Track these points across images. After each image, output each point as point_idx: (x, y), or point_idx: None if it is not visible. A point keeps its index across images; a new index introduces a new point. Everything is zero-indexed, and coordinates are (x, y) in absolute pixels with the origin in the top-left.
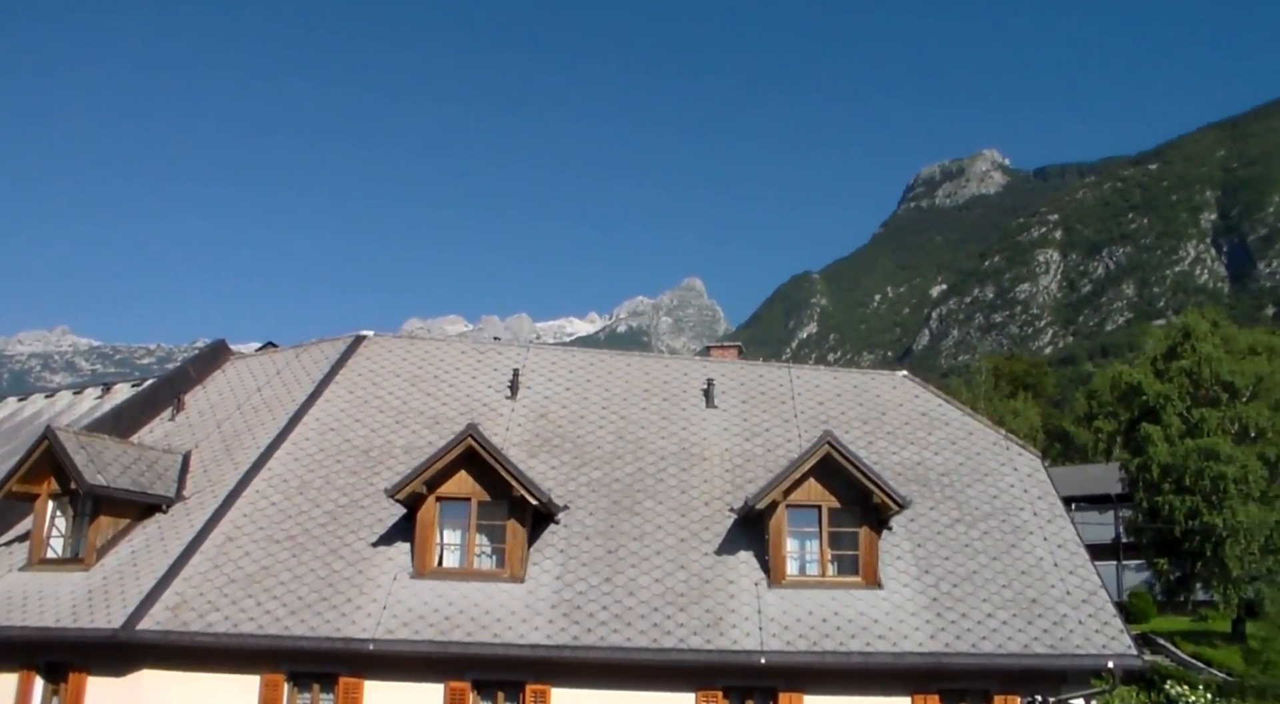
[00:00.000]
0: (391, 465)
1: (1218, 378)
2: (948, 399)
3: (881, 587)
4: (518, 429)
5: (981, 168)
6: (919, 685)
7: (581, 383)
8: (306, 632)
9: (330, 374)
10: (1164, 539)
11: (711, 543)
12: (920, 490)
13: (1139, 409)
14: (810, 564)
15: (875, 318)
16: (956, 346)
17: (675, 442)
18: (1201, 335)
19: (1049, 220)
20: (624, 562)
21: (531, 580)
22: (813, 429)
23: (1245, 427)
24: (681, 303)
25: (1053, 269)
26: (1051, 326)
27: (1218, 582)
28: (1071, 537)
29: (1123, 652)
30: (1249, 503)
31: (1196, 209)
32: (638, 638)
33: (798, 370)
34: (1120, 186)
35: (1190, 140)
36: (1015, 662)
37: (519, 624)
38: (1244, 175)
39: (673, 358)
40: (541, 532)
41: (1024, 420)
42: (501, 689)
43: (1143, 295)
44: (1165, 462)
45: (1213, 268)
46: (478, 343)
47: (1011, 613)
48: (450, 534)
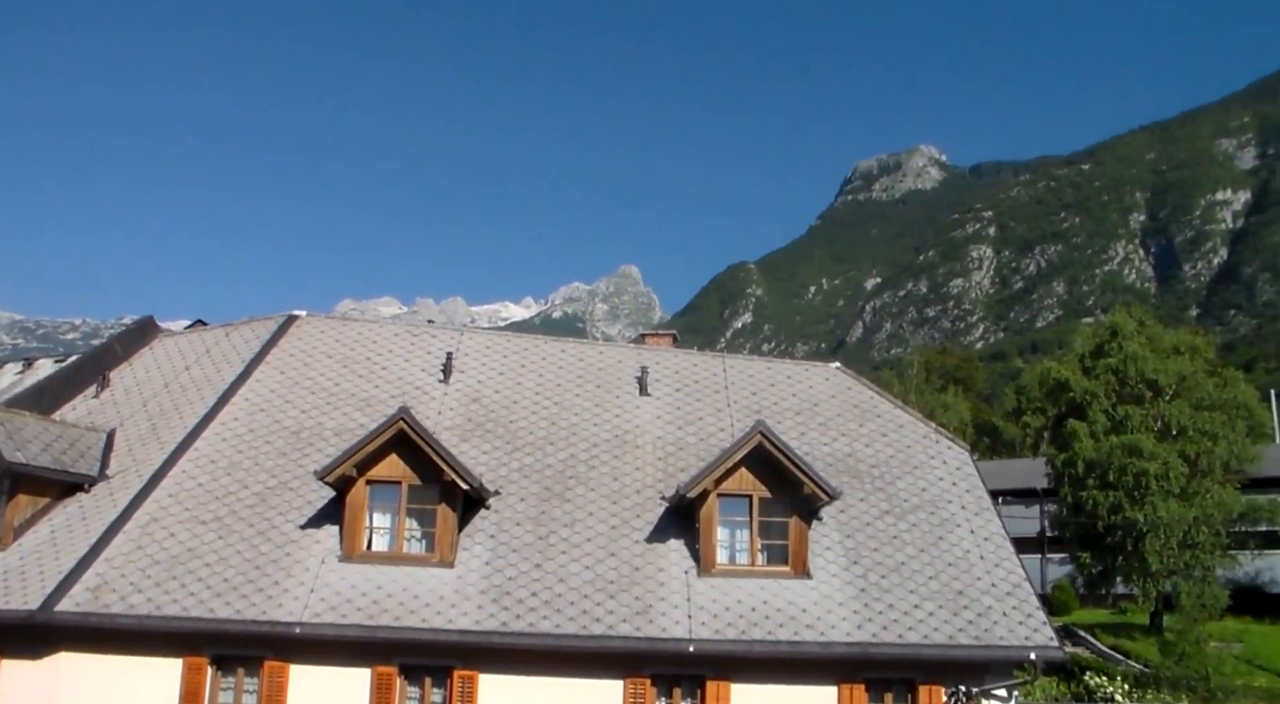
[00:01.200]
0: (322, 448)
1: (1142, 376)
2: (880, 391)
3: (810, 577)
4: (450, 413)
5: (918, 163)
6: (845, 675)
7: (515, 368)
8: (232, 615)
9: (261, 354)
10: (1087, 533)
11: (642, 531)
12: (850, 482)
13: (1066, 405)
14: (740, 553)
15: (810, 309)
16: (889, 340)
17: (608, 429)
18: (1128, 334)
19: (983, 217)
20: (554, 548)
21: (461, 566)
22: (745, 419)
23: (1167, 424)
24: (618, 290)
25: (986, 265)
26: (983, 322)
27: (1137, 576)
28: (998, 530)
29: (1045, 643)
30: (1169, 499)
31: (1126, 210)
32: (567, 625)
33: (732, 360)
34: (1053, 186)
35: (1121, 142)
36: (940, 652)
37: (448, 610)
38: (1172, 178)
39: (607, 345)
40: (472, 517)
41: (954, 414)
42: (429, 675)
43: (1072, 293)
44: (1090, 457)
45: (1140, 268)
46: (411, 325)
47: (938, 604)
48: (380, 518)
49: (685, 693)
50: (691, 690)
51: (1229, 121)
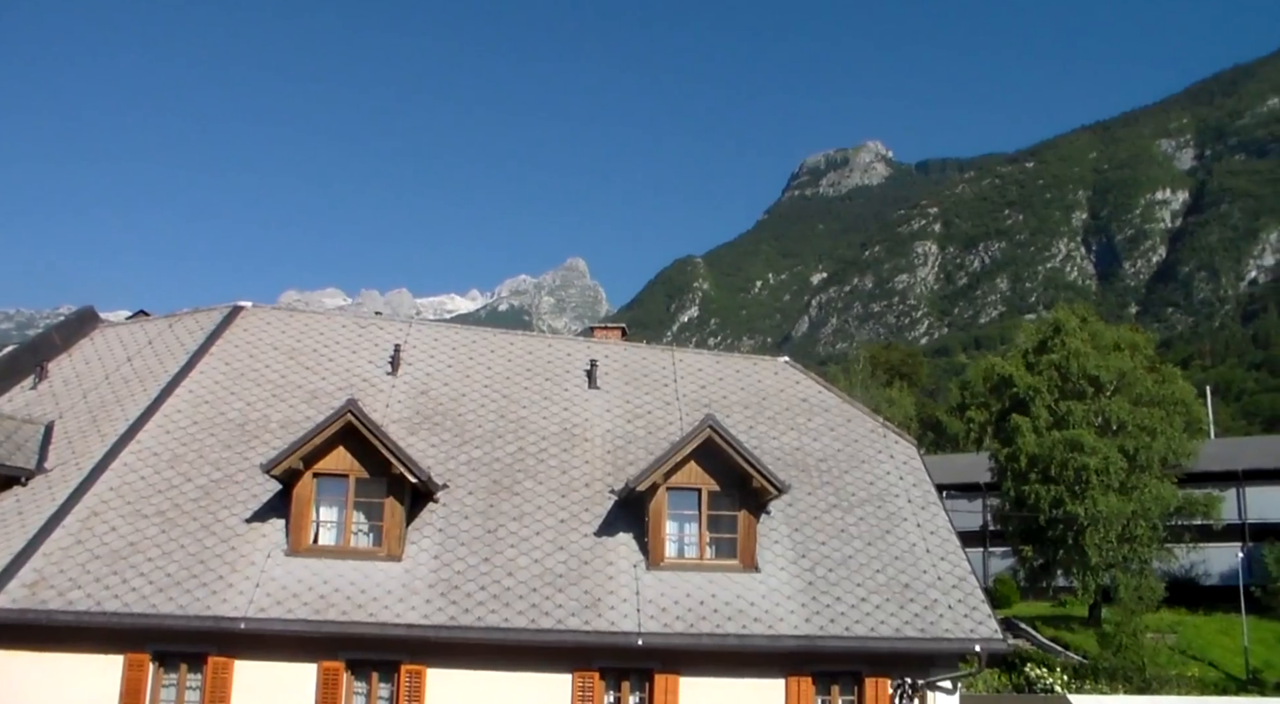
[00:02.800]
0: (268, 440)
1: (1084, 372)
2: (827, 386)
3: (759, 570)
4: (398, 406)
5: (865, 159)
6: (793, 667)
7: (463, 361)
8: (175, 610)
9: (205, 345)
10: (1028, 527)
11: (591, 524)
12: (799, 476)
13: (1009, 400)
14: (689, 547)
15: (756, 304)
16: (835, 334)
17: (557, 422)
18: (1070, 331)
19: (929, 213)
20: (503, 542)
21: (409, 559)
22: (694, 412)
23: (1108, 420)
24: (564, 283)
25: (930, 261)
26: (928, 317)
27: (1077, 569)
28: (944, 524)
29: (989, 636)
30: (1109, 493)
31: (1069, 208)
32: (515, 618)
33: (680, 353)
34: (998, 183)
35: (1065, 141)
36: (887, 645)
37: (395, 603)
38: (1114, 177)
39: (556, 338)
40: (420, 510)
41: (899, 409)
42: (376, 669)
43: (1015, 290)
44: (1033, 452)
45: (1082, 265)
46: (359, 317)
47: (884, 597)
48: (326, 511)
49: (634, 686)
50: (640, 684)
51: (1168, 123)
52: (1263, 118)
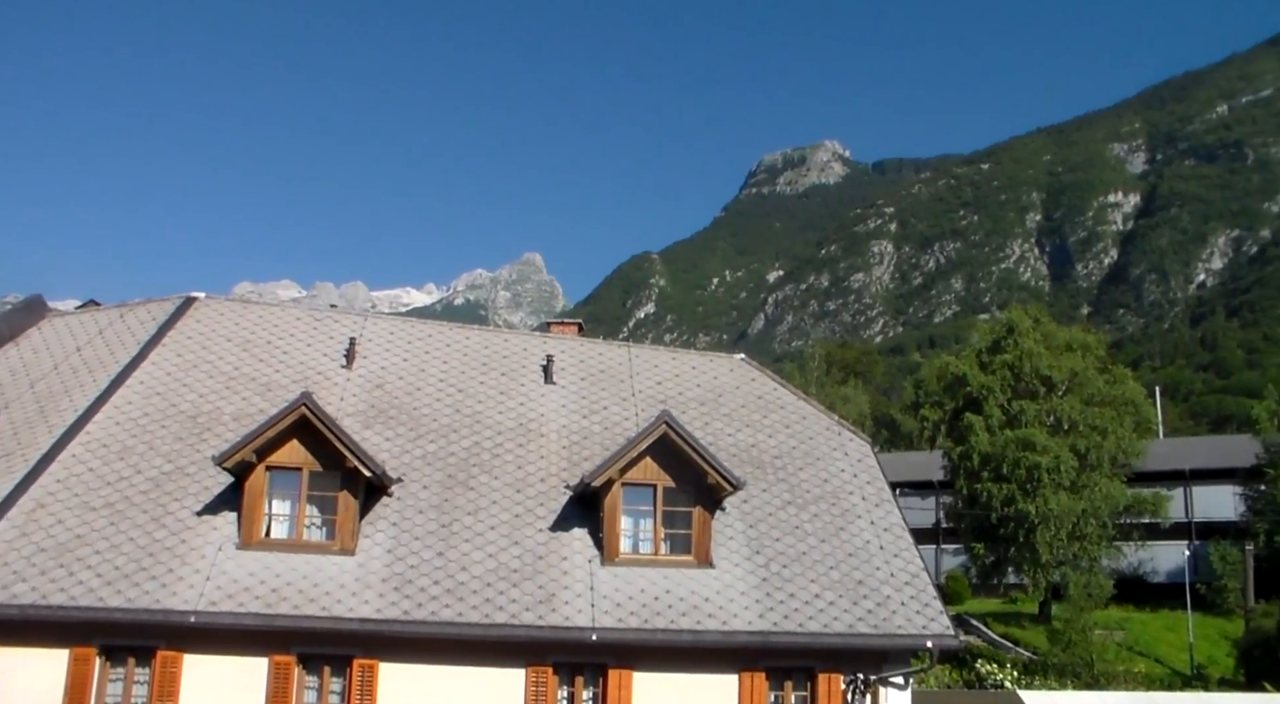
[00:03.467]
0: (220, 432)
1: (1037, 372)
2: (783, 383)
3: (713, 566)
4: (353, 399)
5: (822, 158)
6: (747, 663)
7: (419, 354)
8: (123, 603)
9: (157, 336)
10: (980, 525)
11: (546, 519)
12: (754, 472)
13: (963, 399)
14: (644, 542)
15: (712, 301)
16: (791, 332)
17: (513, 417)
18: (1024, 331)
19: (885, 213)
20: (457, 536)
21: (362, 553)
22: (650, 408)
23: (1059, 419)
24: (520, 277)
25: (886, 260)
26: (883, 316)
27: (1028, 566)
28: (897, 521)
29: (941, 632)
30: (1060, 492)
31: (1023, 210)
32: (469, 613)
33: (637, 350)
34: (953, 184)
35: (1020, 143)
36: (840, 641)
37: (348, 597)
38: (1067, 180)
39: (512, 333)
40: (374, 504)
41: (854, 407)
42: (328, 664)
43: (970, 290)
44: (985, 451)
45: (1035, 266)
46: (313, 309)
47: (838, 594)
48: (279, 504)
49: (587, 682)
50: (594, 679)
51: (1121, 127)
52: (1212, 124)
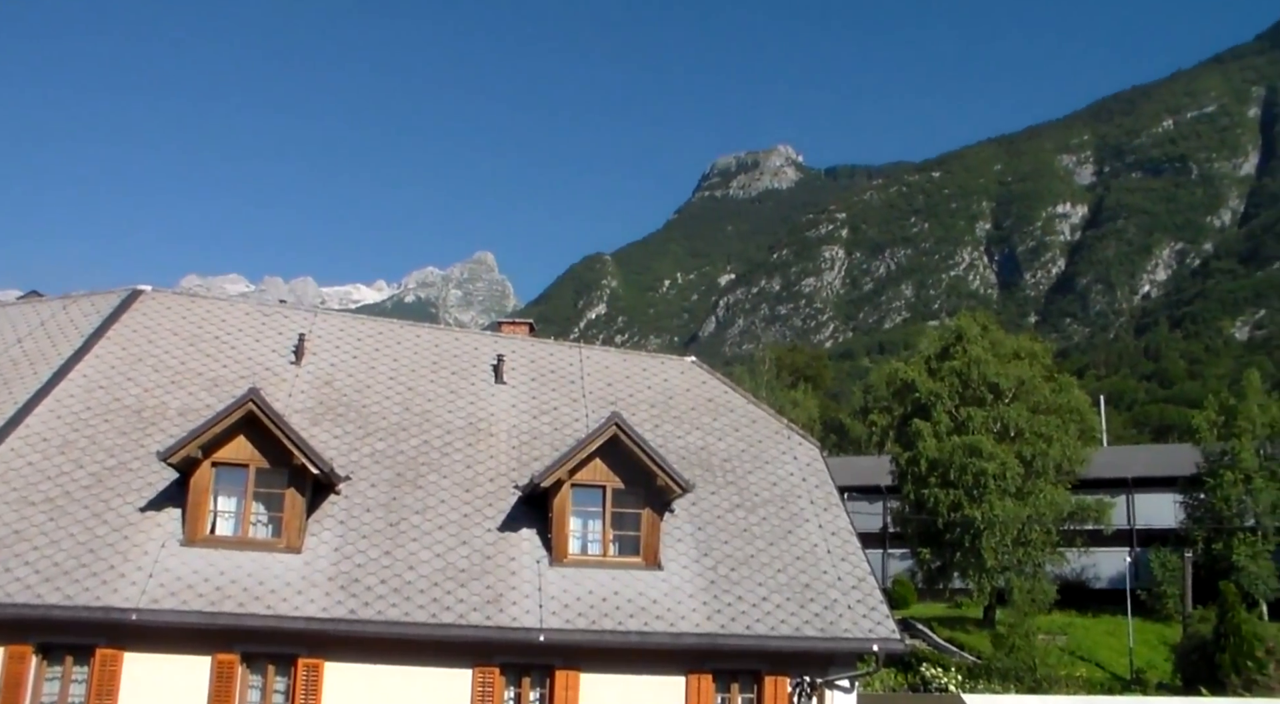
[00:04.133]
0: (165, 428)
1: (985, 379)
2: (733, 386)
3: (661, 568)
4: (301, 396)
5: (776, 162)
6: (694, 665)
7: (369, 352)
8: (61, 600)
9: (102, 328)
10: (927, 530)
11: (495, 519)
12: (703, 475)
13: (911, 405)
14: (592, 544)
15: (664, 303)
16: (741, 335)
17: (462, 416)
18: (972, 338)
19: (837, 218)
20: (405, 535)
21: (309, 551)
22: (601, 410)
23: (1006, 426)
24: (472, 276)
25: (837, 266)
26: (833, 321)
27: (973, 571)
28: (845, 525)
29: (887, 636)
30: (1005, 498)
31: (973, 218)
32: (416, 613)
33: (588, 351)
34: (905, 191)
35: (971, 152)
36: (786, 644)
37: (294, 596)
38: (1017, 190)
39: (463, 331)
40: (321, 502)
41: (803, 411)
42: (272, 662)
43: (920, 296)
44: (933, 456)
45: (984, 274)
46: (263, 305)
47: (785, 597)
48: (225, 501)
49: (534, 683)
50: (541, 680)
51: (1070, 139)
52: (1158, 138)
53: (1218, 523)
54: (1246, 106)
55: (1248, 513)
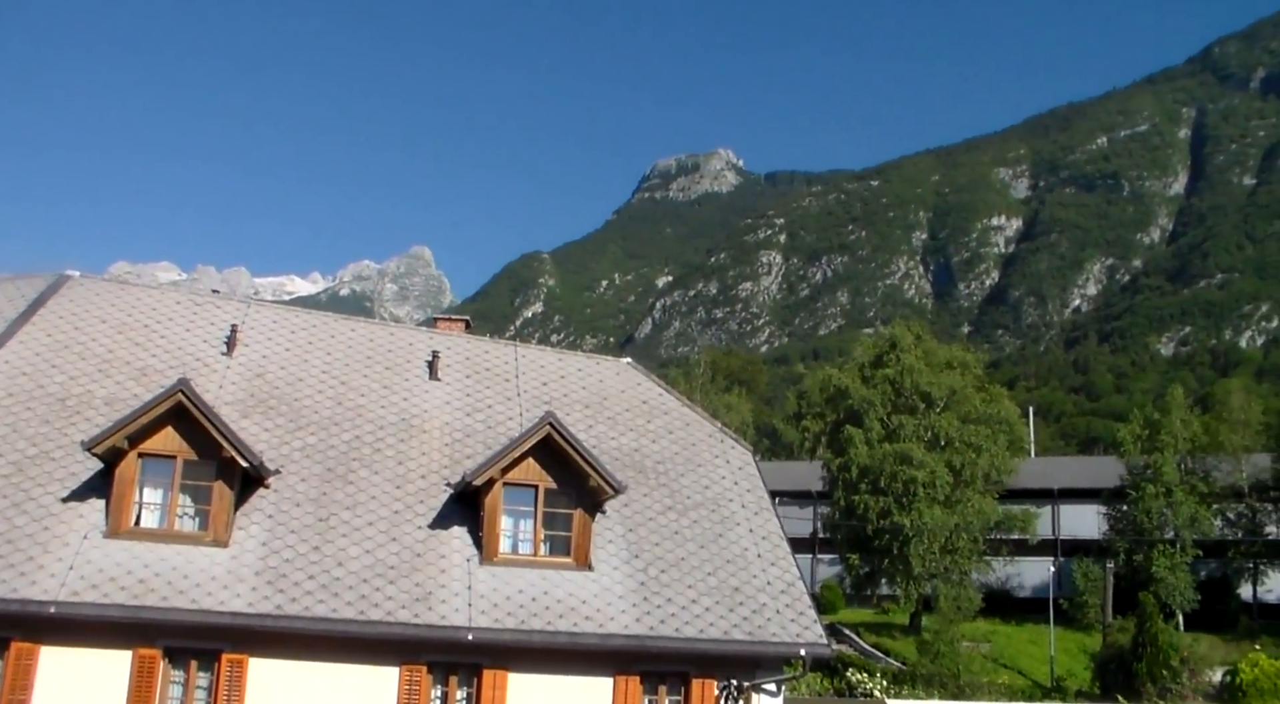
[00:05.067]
0: (90, 417)
1: (917, 388)
2: (668, 389)
3: (592, 569)
4: (232, 387)
5: (716, 166)
6: (622, 666)
7: (302, 345)
8: None
9: (26, 314)
10: (857, 536)
11: (426, 516)
12: (636, 477)
13: (844, 412)
14: (523, 543)
15: (601, 303)
16: (677, 338)
17: (395, 412)
18: (905, 347)
19: (775, 224)
20: (334, 531)
21: (236, 545)
22: (535, 409)
23: (937, 435)
24: (408, 270)
25: (774, 271)
26: (769, 326)
27: (901, 578)
28: (775, 530)
29: (814, 641)
30: (934, 506)
31: (909, 228)
32: (344, 609)
33: (524, 349)
34: (843, 199)
35: (909, 163)
36: (715, 647)
37: (219, 590)
38: (953, 201)
39: (399, 327)
40: (250, 495)
41: (737, 415)
42: (196, 658)
43: (855, 304)
44: (864, 463)
45: (919, 284)
46: (194, 294)
47: (715, 600)
48: (151, 493)
49: (462, 681)
50: (468, 679)
51: (1006, 152)
52: (1092, 155)
53: (1139, 535)
54: (1177, 127)
55: (1168, 526)
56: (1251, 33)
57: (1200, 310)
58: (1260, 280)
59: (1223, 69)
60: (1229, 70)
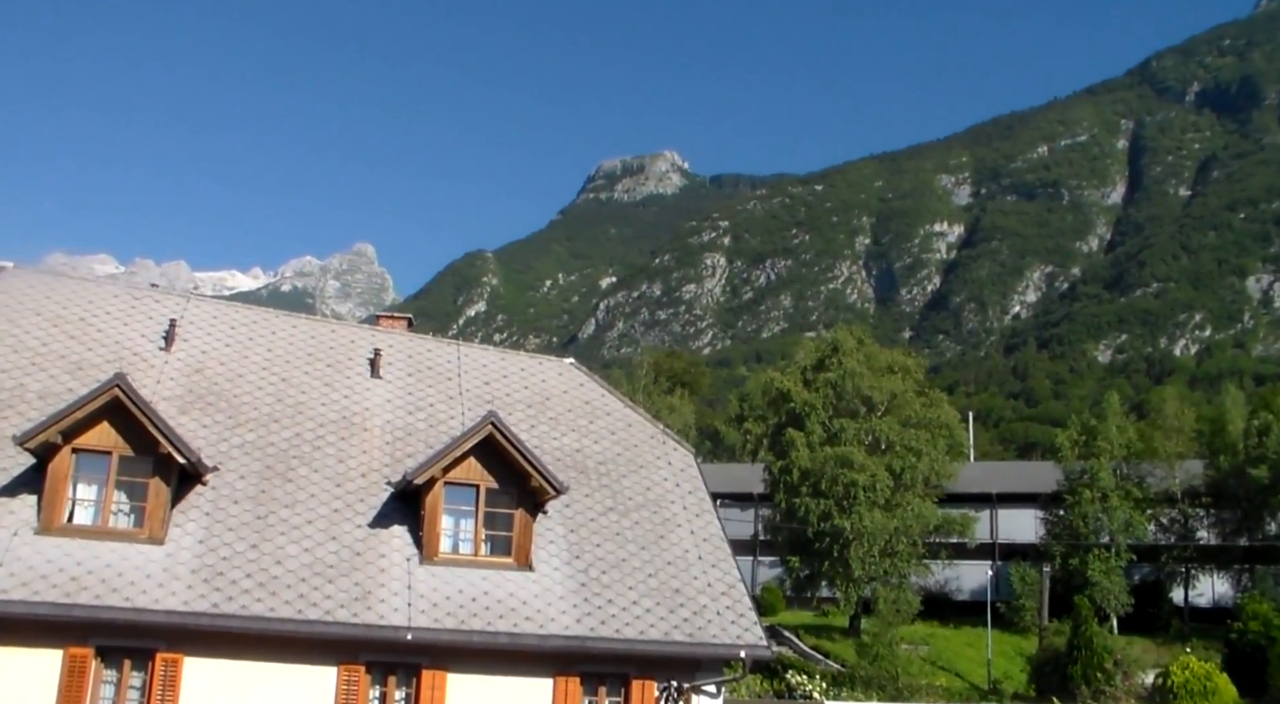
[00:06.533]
0: (23, 411)
1: (858, 392)
2: (610, 390)
3: (533, 569)
4: (170, 383)
5: (661, 168)
6: (562, 667)
7: (243, 340)
8: None
9: None
10: (797, 539)
11: (366, 515)
12: (578, 477)
13: (786, 415)
14: (464, 543)
15: (544, 303)
16: (620, 339)
17: (336, 409)
18: (847, 351)
19: (720, 226)
20: (273, 529)
21: (172, 543)
22: (477, 408)
23: (877, 439)
24: (351, 267)
25: (718, 274)
26: (712, 328)
27: (841, 581)
28: (717, 532)
29: (754, 643)
30: (874, 509)
31: (853, 233)
32: (282, 608)
33: (466, 348)
34: (787, 203)
35: (853, 168)
36: (655, 648)
37: (154, 588)
38: (896, 207)
39: (340, 324)
40: (187, 492)
41: (679, 416)
42: (129, 657)
43: (798, 308)
44: (805, 466)
45: (862, 289)
46: (133, 287)
47: (655, 601)
48: (85, 489)
49: (400, 682)
50: (407, 679)
51: (949, 160)
52: (1033, 163)
53: (1075, 539)
54: (1116, 138)
55: (1103, 530)
56: (1187, 48)
57: (1136, 319)
58: (1194, 290)
59: (1160, 82)
60: (1166, 83)
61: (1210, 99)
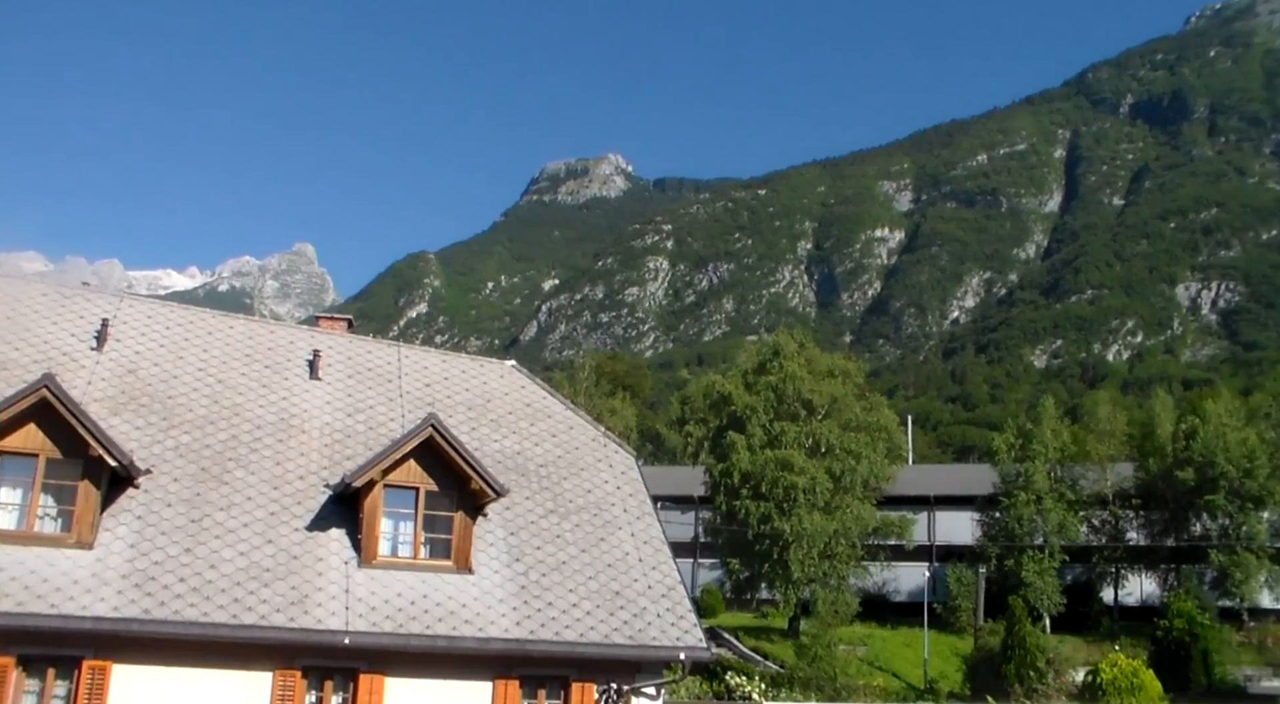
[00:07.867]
0: None
1: (799, 395)
2: (552, 392)
3: (473, 572)
4: (101, 384)
5: (605, 171)
6: (501, 671)
7: (178, 341)
8: None
9: None
10: (737, 541)
11: (303, 518)
12: (518, 480)
13: (727, 418)
14: (403, 546)
15: (486, 305)
16: (563, 341)
17: (274, 411)
18: (789, 355)
19: (663, 230)
20: (208, 532)
21: (101, 547)
22: (417, 410)
23: (818, 442)
24: (290, 267)
25: (661, 277)
26: (654, 331)
27: (780, 582)
28: (657, 534)
29: (694, 645)
30: (814, 512)
31: (795, 237)
32: (216, 613)
33: (407, 350)
34: (730, 207)
35: (796, 173)
36: (595, 651)
37: (82, 595)
38: (839, 212)
39: (279, 324)
40: (118, 495)
41: (621, 419)
42: (54, 666)
43: (740, 311)
44: (746, 469)
45: (804, 293)
46: (63, 286)
47: (595, 604)
48: (9, 493)
49: (337, 686)
50: (344, 684)
51: (891, 166)
52: (972, 171)
53: (1010, 541)
54: (1053, 147)
55: (1038, 532)
56: (1122, 60)
57: (1071, 324)
58: (1127, 297)
59: (1095, 94)
60: (1101, 95)
61: (1143, 111)
